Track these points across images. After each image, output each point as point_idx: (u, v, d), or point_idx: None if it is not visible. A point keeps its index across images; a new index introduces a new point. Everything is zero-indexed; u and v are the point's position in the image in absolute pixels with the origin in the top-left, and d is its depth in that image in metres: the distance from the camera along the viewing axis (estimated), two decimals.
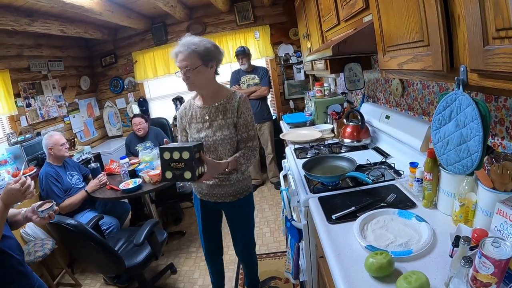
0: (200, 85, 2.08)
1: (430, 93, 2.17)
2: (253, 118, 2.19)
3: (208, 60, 2.00)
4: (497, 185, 1.23)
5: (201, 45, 1.97)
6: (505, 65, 0.81)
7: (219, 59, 2.08)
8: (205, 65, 2.00)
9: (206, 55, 1.98)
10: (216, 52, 2.04)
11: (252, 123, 2.17)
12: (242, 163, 2.10)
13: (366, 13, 1.94)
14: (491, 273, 0.97)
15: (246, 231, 2.52)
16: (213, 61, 2.04)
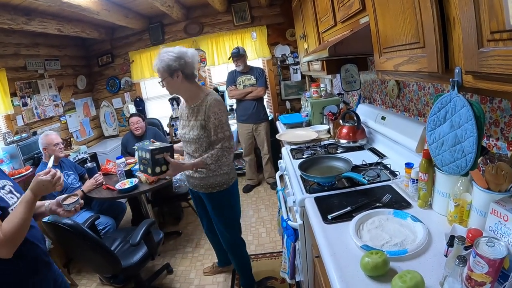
0: (173, 91, 2.41)
1: (425, 94, 2.18)
2: (223, 121, 2.34)
3: (172, 72, 2.26)
4: (492, 186, 1.25)
5: (164, 61, 2.25)
6: (499, 67, 0.82)
7: (183, 68, 2.27)
8: (171, 76, 2.28)
9: (168, 69, 2.25)
10: (179, 63, 2.25)
11: (221, 126, 2.33)
12: (209, 163, 2.34)
13: (362, 14, 1.95)
14: (486, 273, 0.98)
15: (221, 225, 2.71)
16: (177, 72, 2.27)
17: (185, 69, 2.29)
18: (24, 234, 1.49)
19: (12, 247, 1.43)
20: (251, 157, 5.35)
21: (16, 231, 1.43)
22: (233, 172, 2.64)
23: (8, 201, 1.56)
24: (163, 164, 2.28)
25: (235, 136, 5.75)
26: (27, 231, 1.51)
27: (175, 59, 2.24)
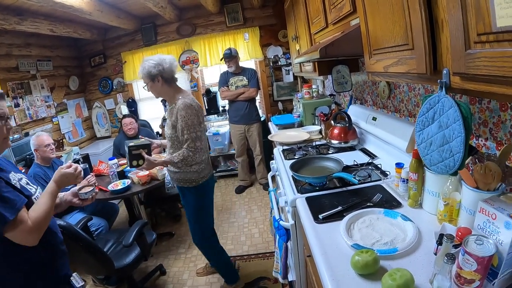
0: (157, 94, 2.67)
1: (416, 95, 2.20)
2: (189, 123, 2.47)
3: (153, 77, 2.51)
4: (480, 185, 1.26)
5: (145, 68, 2.50)
6: (486, 68, 0.83)
7: (162, 73, 2.51)
8: (152, 81, 2.54)
9: (149, 75, 2.50)
10: (158, 69, 2.49)
11: (187, 128, 2.48)
12: (176, 162, 2.52)
13: (353, 16, 1.97)
14: (474, 270, 0.99)
15: (191, 221, 2.87)
16: (157, 77, 2.51)
17: (164, 74, 2.52)
18: (48, 222, 1.58)
19: (39, 234, 1.50)
20: (244, 158, 5.35)
21: (42, 219, 1.51)
22: (204, 172, 2.72)
23: (30, 190, 1.62)
24: (140, 159, 2.52)
25: (227, 137, 5.77)
26: (50, 220, 1.61)
27: (155, 66, 2.48)
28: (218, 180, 6.04)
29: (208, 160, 2.80)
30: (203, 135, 2.64)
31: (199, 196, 2.76)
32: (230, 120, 5.22)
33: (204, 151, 2.69)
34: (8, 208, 1.39)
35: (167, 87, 2.60)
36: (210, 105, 5.85)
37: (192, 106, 2.50)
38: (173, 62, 2.59)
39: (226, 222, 4.44)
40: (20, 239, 1.44)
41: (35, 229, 1.47)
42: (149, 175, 3.48)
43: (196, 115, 2.52)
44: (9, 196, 1.42)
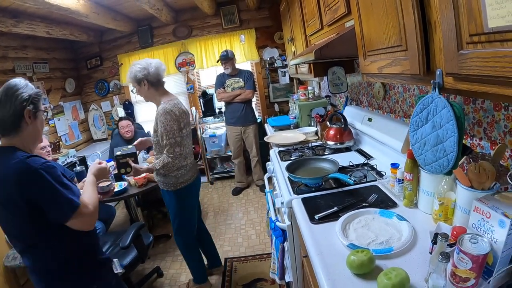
0: (144, 98, 2.72)
1: (410, 96, 2.22)
2: (167, 129, 2.51)
3: (139, 81, 2.57)
4: (475, 184, 1.27)
5: (132, 72, 2.57)
6: (478, 68, 0.84)
7: (148, 77, 2.56)
8: (139, 84, 2.60)
9: (136, 79, 2.57)
10: (144, 73, 2.54)
11: (166, 133, 2.52)
12: (158, 168, 2.58)
13: (348, 18, 1.98)
14: (470, 268, 1.00)
15: (172, 224, 2.94)
16: (143, 81, 2.56)
17: (149, 78, 2.56)
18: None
19: (96, 218, 1.72)
20: (240, 159, 5.36)
21: (97, 204, 1.74)
22: (184, 178, 2.74)
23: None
24: (127, 167, 2.61)
25: (223, 139, 5.77)
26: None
27: (140, 70, 2.54)
28: (215, 182, 6.04)
29: (191, 166, 2.83)
30: (184, 140, 2.67)
31: (178, 200, 2.79)
32: (226, 122, 5.22)
33: (186, 156, 2.74)
34: (73, 194, 1.57)
35: (153, 91, 2.64)
36: (207, 107, 5.84)
37: (172, 112, 2.53)
38: (159, 66, 2.63)
39: (223, 223, 4.44)
40: (83, 223, 1.61)
41: (94, 213, 1.68)
42: (146, 177, 3.48)
43: (176, 121, 2.54)
44: (71, 185, 1.61)
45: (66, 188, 1.55)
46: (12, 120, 1.54)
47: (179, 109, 2.62)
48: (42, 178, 1.48)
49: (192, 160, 2.86)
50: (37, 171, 1.48)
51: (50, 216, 1.53)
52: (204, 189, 5.81)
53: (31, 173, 1.47)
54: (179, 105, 2.66)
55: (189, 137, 2.80)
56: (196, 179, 2.90)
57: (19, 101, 1.55)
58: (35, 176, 1.48)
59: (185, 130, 2.67)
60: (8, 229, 1.62)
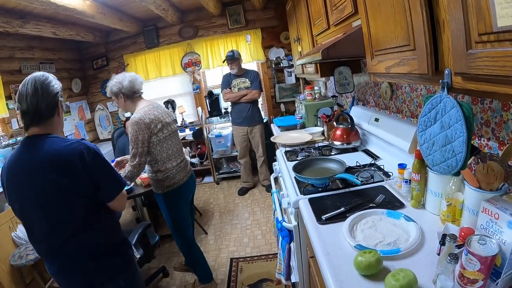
0: (122, 109, 2.92)
1: (418, 96, 2.20)
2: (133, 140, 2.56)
3: (116, 95, 2.70)
4: (483, 185, 1.27)
5: (109, 87, 2.72)
6: (487, 68, 0.84)
7: (122, 89, 2.66)
8: (117, 97, 2.73)
9: (112, 92, 2.71)
10: (118, 87, 2.66)
11: (131, 143, 2.57)
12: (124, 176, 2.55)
13: (355, 18, 1.97)
14: (478, 270, 0.99)
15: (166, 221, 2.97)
16: (119, 94, 2.68)
17: (123, 91, 2.66)
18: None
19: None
20: (246, 159, 5.36)
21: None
22: (171, 181, 2.77)
23: None
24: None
25: (229, 139, 5.78)
26: None
27: (116, 84, 2.67)
28: (221, 182, 6.05)
29: (180, 168, 2.84)
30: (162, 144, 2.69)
31: (168, 203, 2.84)
32: (232, 122, 5.23)
33: (170, 158, 2.75)
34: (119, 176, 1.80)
35: (129, 103, 2.73)
36: (213, 107, 5.86)
37: (140, 120, 2.54)
38: (133, 79, 2.71)
39: (228, 224, 4.45)
40: (121, 203, 1.83)
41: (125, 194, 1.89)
42: None
43: (146, 129, 2.55)
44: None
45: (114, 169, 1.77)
46: (49, 109, 1.65)
47: (150, 116, 2.60)
48: (100, 156, 1.67)
49: (180, 163, 2.87)
50: (95, 151, 1.65)
51: (103, 194, 1.71)
52: (210, 189, 5.83)
53: (92, 152, 1.64)
54: (151, 111, 2.65)
55: (171, 140, 2.79)
56: (186, 182, 2.90)
57: (54, 93, 1.67)
58: (96, 155, 1.65)
59: (161, 133, 2.66)
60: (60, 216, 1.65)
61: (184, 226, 2.97)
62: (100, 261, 1.75)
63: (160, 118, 2.67)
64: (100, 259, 1.75)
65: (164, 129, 2.69)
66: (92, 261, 1.73)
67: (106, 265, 1.77)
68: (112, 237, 1.83)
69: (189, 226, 3.05)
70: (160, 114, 2.70)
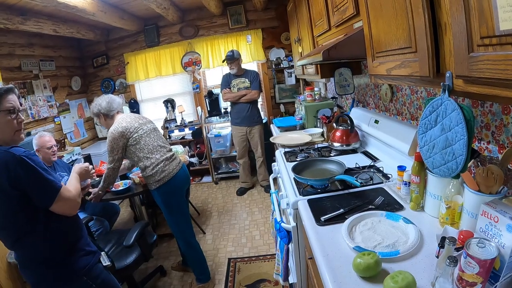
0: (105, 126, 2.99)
1: (418, 98, 2.20)
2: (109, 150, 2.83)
3: (97, 115, 2.94)
4: (483, 188, 1.26)
5: (91, 109, 2.97)
6: (489, 71, 0.84)
7: (101, 110, 2.89)
8: (98, 117, 2.96)
9: (94, 114, 2.95)
10: (98, 108, 2.89)
11: (108, 152, 2.84)
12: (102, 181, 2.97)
13: (356, 19, 1.97)
14: (477, 273, 0.99)
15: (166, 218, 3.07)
16: (100, 114, 2.91)
17: (102, 111, 2.89)
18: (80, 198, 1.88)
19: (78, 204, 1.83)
20: (245, 160, 5.36)
21: (79, 191, 1.87)
22: (160, 175, 2.88)
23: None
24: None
25: (229, 139, 5.78)
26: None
27: (95, 106, 2.91)
28: (220, 182, 6.05)
29: (167, 162, 2.96)
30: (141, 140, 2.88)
31: (163, 197, 2.94)
32: (232, 122, 5.22)
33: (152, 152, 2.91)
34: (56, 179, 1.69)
35: (109, 120, 2.94)
36: (212, 106, 5.85)
37: (112, 133, 2.79)
38: (111, 101, 2.94)
39: (227, 224, 4.44)
40: (66, 207, 1.73)
41: (77, 197, 1.80)
42: None
43: (120, 137, 2.79)
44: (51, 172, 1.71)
45: (48, 173, 1.66)
46: None
47: (122, 124, 2.83)
48: (26, 164, 1.57)
49: (169, 157, 3.01)
50: (22, 158, 1.56)
51: (36, 201, 1.63)
52: (208, 189, 5.82)
53: (17, 160, 1.54)
54: (123, 120, 2.88)
55: (149, 135, 2.96)
56: (178, 174, 2.99)
57: None
58: (21, 163, 1.55)
59: (136, 134, 2.86)
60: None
61: (182, 220, 3.04)
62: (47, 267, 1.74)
63: (131, 123, 2.88)
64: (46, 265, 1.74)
65: (139, 130, 2.89)
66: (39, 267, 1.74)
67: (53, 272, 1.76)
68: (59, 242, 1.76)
69: (188, 222, 3.10)
70: (132, 120, 2.91)
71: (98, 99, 2.94)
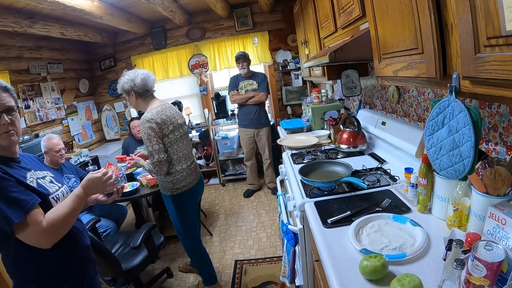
0: (134, 107, 2.82)
1: (425, 100, 2.19)
2: (146, 138, 2.55)
3: (127, 92, 2.66)
4: (490, 190, 1.25)
5: (120, 84, 2.66)
6: (495, 72, 0.83)
7: (134, 88, 2.62)
8: (127, 95, 2.68)
9: (124, 90, 2.66)
10: (130, 85, 2.61)
11: (148, 140, 2.55)
12: (147, 169, 2.67)
13: (362, 21, 1.96)
14: (484, 276, 0.98)
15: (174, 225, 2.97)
16: (130, 91, 2.64)
17: (135, 89, 2.63)
18: (68, 227, 1.51)
19: (54, 237, 1.44)
20: (252, 162, 5.36)
21: (59, 222, 1.44)
22: (180, 183, 2.76)
23: (49, 189, 1.56)
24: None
25: (236, 141, 5.78)
26: (71, 224, 1.54)
27: (127, 81, 2.62)
28: (227, 184, 6.05)
29: (189, 171, 2.83)
30: (174, 145, 2.68)
31: (176, 205, 2.83)
32: (239, 124, 5.23)
33: (180, 161, 2.74)
34: (16, 209, 1.33)
35: (141, 101, 2.70)
36: (219, 108, 5.86)
37: (152, 120, 2.54)
38: (146, 77, 2.67)
39: (233, 226, 4.44)
40: (31, 241, 1.39)
41: (49, 231, 1.40)
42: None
43: (157, 128, 2.55)
44: (19, 197, 1.36)
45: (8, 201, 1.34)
46: None
47: (162, 116, 2.60)
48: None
49: (191, 165, 2.86)
50: None
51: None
52: (215, 191, 5.83)
53: None
54: (163, 111, 2.65)
55: (182, 141, 2.76)
56: (196, 185, 2.90)
57: None
58: None
59: (172, 135, 2.66)
60: None
61: (192, 228, 2.97)
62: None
63: (171, 119, 2.66)
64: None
65: (175, 131, 2.68)
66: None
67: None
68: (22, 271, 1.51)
69: (196, 228, 3.05)
70: (172, 115, 2.70)
71: (129, 73, 2.66)
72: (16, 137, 1.50)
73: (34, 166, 1.65)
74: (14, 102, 1.53)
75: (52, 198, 1.54)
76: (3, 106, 1.45)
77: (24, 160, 1.62)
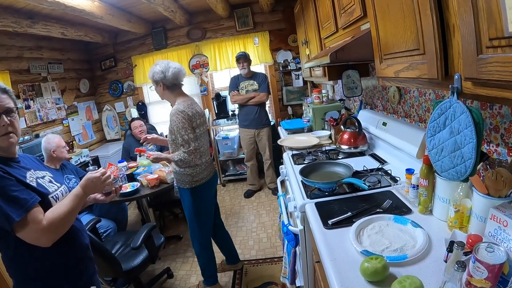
0: (160, 96, 2.85)
1: (426, 101, 2.19)
2: (180, 127, 2.59)
3: (156, 82, 2.71)
4: (491, 191, 1.25)
5: (151, 73, 2.71)
6: (498, 73, 0.83)
7: (164, 80, 2.67)
8: (156, 84, 2.74)
9: (153, 79, 2.71)
10: (160, 76, 2.66)
11: (178, 132, 2.60)
12: (176, 160, 2.64)
13: (363, 21, 1.96)
14: (485, 278, 0.98)
15: (188, 219, 2.97)
16: (160, 82, 2.69)
17: (165, 81, 2.68)
18: (67, 226, 1.54)
19: (54, 235, 1.46)
20: (253, 162, 5.35)
21: (59, 221, 1.46)
22: (199, 176, 2.81)
23: (48, 188, 1.58)
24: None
25: (236, 141, 5.77)
26: (71, 223, 1.57)
27: (159, 72, 2.66)
28: (227, 184, 6.05)
29: (207, 165, 2.89)
30: (199, 139, 2.73)
31: (194, 198, 2.84)
32: (240, 124, 5.23)
33: (201, 155, 2.79)
34: (16, 208, 1.35)
35: (168, 93, 2.76)
36: (220, 109, 5.85)
37: (184, 112, 2.61)
38: (177, 71, 2.70)
39: (234, 226, 4.44)
40: (32, 239, 1.41)
41: (49, 230, 1.42)
42: (158, 179, 3.49)
43: (188, 120, 2.61)
44: (19, 195, 1.38)
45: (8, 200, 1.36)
46: None
47: (192, 110, 2.67)
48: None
49: (208, 159, 2.92)
50: None
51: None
52: None
53: None
54: (192, 106, 2.73)
55: (204, 137, 2.84)
56: (212, 178, 2.94)
57: None
58: None
59: (198, 130, 2.72)
60: None
61: (207, 224, 3.00)
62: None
63: (199, 115, 2.76)
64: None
65: (201, 126, 2.78)
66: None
67: None
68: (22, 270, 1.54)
69: (210, 225, 3.06)
70: (199, 111, 2.79)
71: (162, 64, 2.68)
72: (15, 138, 1.52)
73: (34, 166, 1.66)
74: (13, 104, 1.54)
75: (52, 198, 1.56)
76: (3, 107, 1.46)
77: (24, 160, 1.63)
